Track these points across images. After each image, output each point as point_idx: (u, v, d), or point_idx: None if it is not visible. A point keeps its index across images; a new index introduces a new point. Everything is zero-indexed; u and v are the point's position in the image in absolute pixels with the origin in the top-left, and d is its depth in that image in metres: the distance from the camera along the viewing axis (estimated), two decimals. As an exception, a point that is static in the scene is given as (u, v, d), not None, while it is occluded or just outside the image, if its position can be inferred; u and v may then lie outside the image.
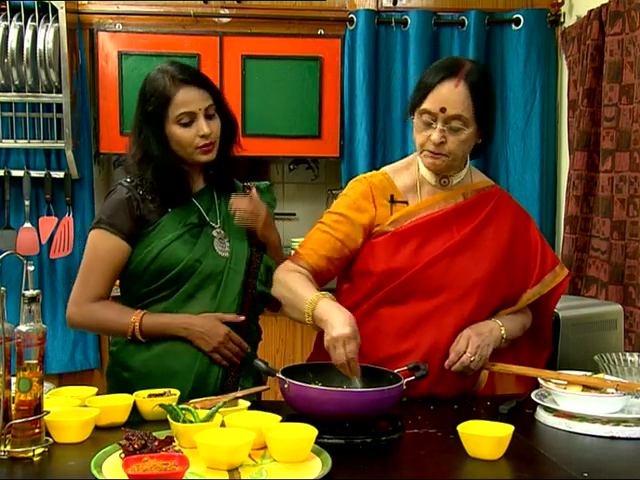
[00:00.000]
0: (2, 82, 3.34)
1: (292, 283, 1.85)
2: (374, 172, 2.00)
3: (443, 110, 1.78)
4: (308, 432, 1.39)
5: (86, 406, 1.60)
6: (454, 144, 1.81)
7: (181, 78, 1.86)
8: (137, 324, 1.84)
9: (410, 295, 1.85)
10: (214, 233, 1.93)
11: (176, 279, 1.87)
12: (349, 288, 1.95)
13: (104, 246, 1.88)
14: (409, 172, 1.96)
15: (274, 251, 2.03)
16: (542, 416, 1.66)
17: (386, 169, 2.00)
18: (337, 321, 1.65)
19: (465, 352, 1.78)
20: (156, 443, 1.34)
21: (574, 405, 1.63)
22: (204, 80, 1.91)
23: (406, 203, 1.91)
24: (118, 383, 1.92)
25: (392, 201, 1.91)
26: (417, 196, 1.93)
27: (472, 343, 1.79)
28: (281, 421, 1.49)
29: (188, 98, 1.85)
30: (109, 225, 1.87)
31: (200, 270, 1.88)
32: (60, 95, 3.35)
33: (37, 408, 1.39)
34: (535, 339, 2.02)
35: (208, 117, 1.88)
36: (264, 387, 1.83)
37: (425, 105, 1.80)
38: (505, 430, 1.43)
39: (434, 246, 1.86)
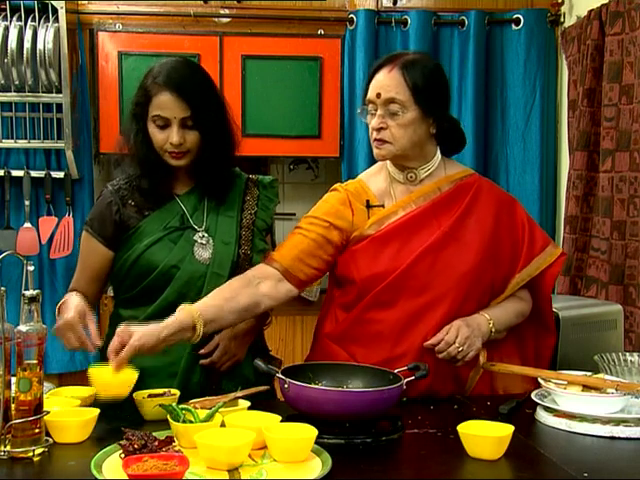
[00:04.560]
0: (2, 82, 3.33)
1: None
2: (350, 181, 2.01)
3: (378, 95, 1.82)
4: (308, 432, 1.39)
5: (86, 406, 1.60)
6: (394, 128, 1.82)
7: (161, 81, 1.84)
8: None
9: (397, 297, 1.84)
10: (196, 237, 1.91)
11: (154, 285, 1.86)
12: (340, 294, 1.95)
13: (85, 248, 1.95)
14: (382, 175, 1.96)
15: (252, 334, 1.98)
16: (542, 416, 1.66)
17: (360, 176, 2.02)
18: None
19: (454, 342, 1.77)
20: (156, 443, 1.34)
21: (574, 405, 1.63)
22: (187, 90, 1.83)
23: (382, 206, 1.91)
24: None
25: (368, 206, 1.91)
26: (392, 198, 1.92)
27: (462, 334, 1.77)
28: (281, 421, 1.49)
29: (164, 103, 1.83)
30: (91, 228, 1.92)
31: (178, 276, 1.86)
32: (60, 95, 3.34)
33: (37, 408, 1.39)
34: (538, 326, 1.99)
35: (185, 127, 1.85)
36: (264, 387, 1.83)
37: (367, 95, 1.85)
38: (505, 430, 1.43)
39: (416, 245, 1.85)
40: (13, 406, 1.40)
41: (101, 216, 1.90)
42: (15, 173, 3.42)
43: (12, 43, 3.26)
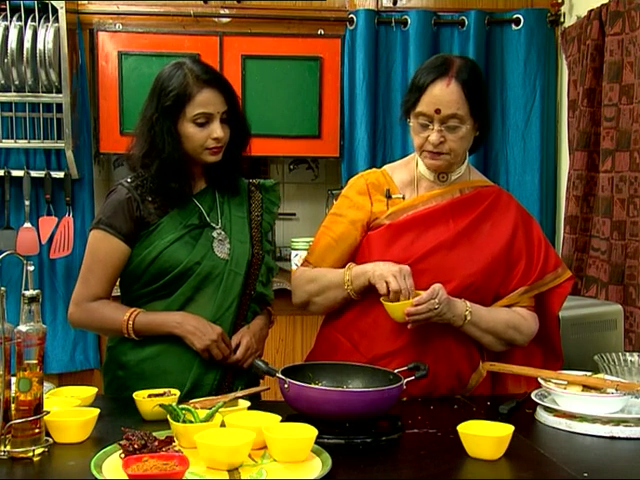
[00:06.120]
0: (2, 82, 3.33)
1: (317, 274, 1.94)
2: (373, 169, 2.05)
3: (438, 111, 1.80)
4: (308, 432, 1.39)
5: (86, 406, 1.60)
6: (454, 142, 1.83)
7: (205, 78, 1.86)
8: (131, 322, 1.84)
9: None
10: (214, 234, 1.93)
11: (175, 280, 1.87)
12: None
13: (103, 247, 1.88)
14: (408, 169, 1.99)
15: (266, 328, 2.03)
16: (542, 416, 1.66)
17: (385, 166, 2.05)
18: (385, 263, 1.80)
19: (431, 300, 1.74)
20: (156, 443, 1.34)
21: (574, 405, 1.63)
22: (226, 85, 1.90)
23: (402, 198, 1.94)
24: (113, 381, 1.93)
25: (388, 196, 1.94)
26: (414, 191, 1.95)
27: (438, 298, 1.75)
28: (281, 421, 1.49)
29: (208, 99, 1.85)
30: (108, 226, 1.87)
31: (199, 272, 1.87)
32: (60, 95, 3.34)
33: (37, 408, 1.39)
34: (546, 351, 1.99)
35: (222, 121, 1.88)
36: (264, 387, 1.83)
37: (420, 108, 1.83)
38: (505, 430, 1.43)
39: (429, 239, 1.88)
40: (13, 406, 1.40)
41: (120, 213, 1.86)
42: (15, 173, 3.42)
43: (12, 43, 3.26)
